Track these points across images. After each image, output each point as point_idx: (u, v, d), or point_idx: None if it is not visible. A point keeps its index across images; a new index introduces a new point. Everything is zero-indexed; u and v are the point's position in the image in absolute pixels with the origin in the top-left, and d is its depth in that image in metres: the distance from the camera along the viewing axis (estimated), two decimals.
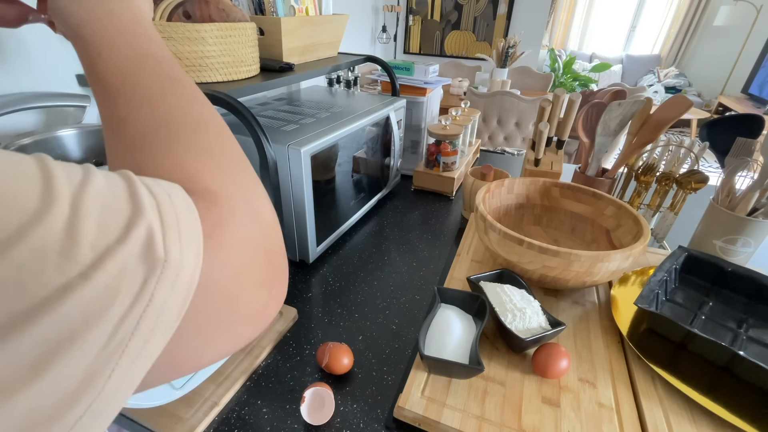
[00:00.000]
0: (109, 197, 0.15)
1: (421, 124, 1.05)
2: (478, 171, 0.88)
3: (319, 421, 0.45)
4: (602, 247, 0.67)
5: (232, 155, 0.24)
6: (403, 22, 3.05)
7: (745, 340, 0.51)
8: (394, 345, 0.57)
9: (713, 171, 3.03)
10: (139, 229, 0.15)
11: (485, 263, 0.70)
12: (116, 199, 0.15)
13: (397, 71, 1.02)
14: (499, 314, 0.51)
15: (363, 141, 0.81)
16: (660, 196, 0.77)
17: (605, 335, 0.55)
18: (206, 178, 0.21)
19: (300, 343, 0.57)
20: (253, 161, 0.64)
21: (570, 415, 0.44)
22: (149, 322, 0.15)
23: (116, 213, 0.15)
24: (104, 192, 0.15)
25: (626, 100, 0.77)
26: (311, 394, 0.46)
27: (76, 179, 0.14)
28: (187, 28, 0.57)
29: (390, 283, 0.70)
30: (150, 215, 0.15)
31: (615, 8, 4.64)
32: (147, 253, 0.15)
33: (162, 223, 0.16)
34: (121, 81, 0.23)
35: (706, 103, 4.24)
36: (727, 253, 0.67)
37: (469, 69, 2.79)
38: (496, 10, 2.82)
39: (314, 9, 0.84)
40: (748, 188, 0.64)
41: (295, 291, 0.68)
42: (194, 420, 0.45)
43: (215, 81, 0.62)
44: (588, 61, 4.62)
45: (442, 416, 0.43)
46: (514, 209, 0.76)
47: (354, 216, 0.85)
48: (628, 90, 1.49)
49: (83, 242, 0.13)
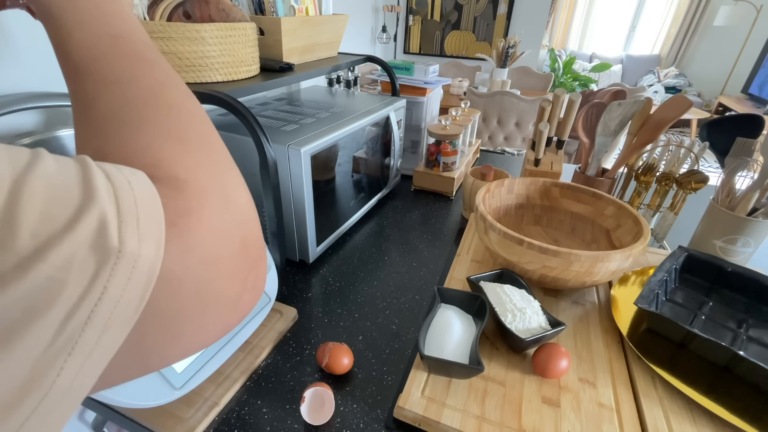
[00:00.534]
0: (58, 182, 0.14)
1: (421, 124, 1.05)
2: (478, 171, 0.88)
3: (319, 421, 0.45)
4: (602, 247, 0.67)
5: (207, 140, 0.23)
6: (403, 22, 3.05)
7: (745, 340, 0.51)
8: (394, 345, 0.57)
9: (713, 171, 3.03)
10: (90, 217, 0.14)
11: (485, 263, 0.70)
12: (66, 184, 0.14)
13: (397, 71, 1.02)
14: (499, 314, 0.51)
15: (363, 141, 0.81)
16: (660, 196, 0.77)
17: (605, 335, 0.55)
18: (175, 164, 0.20)
19: (300, 343, 0.57)
20: (253, 161, 0.65)
21: (570, 415, 0.44)
22: (102, 316, 0.14)
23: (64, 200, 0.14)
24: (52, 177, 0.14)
25: (626, 100, 0.77)
26: (311, 394, 0.46)
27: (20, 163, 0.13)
28: (187, 28, 0.57)
29: (390, 283, 0.70)
30: (103, 202, 0.14)
31: (615, 8, 4.64)
32: (98, 242, 0.14)
33: (118, 211, 0.15)
34: (91, 61, 0.22)
35: (706, 103, 4.24)
36: (727, 253, 0.67)
37: (469, 69, 2.79)
38: (496, 10, 2.82)
39: (314, 9, 0.84)
40: (748, 188, 0.64)
41: (295, 291, 0.68)
42: (194, 420, 0.45)
43: (215, 81, 0.62)
44: (588, 61, 4.62)
45: (442, 416, 0.43)
46: (514, 209, 0.76)
47: (354, 216, 0.85)
48: (628, 90, 1.49)
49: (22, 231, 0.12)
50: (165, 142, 0.20)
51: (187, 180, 0.19)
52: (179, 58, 0.58)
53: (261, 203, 0.71)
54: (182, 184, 0.19)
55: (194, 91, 0.57)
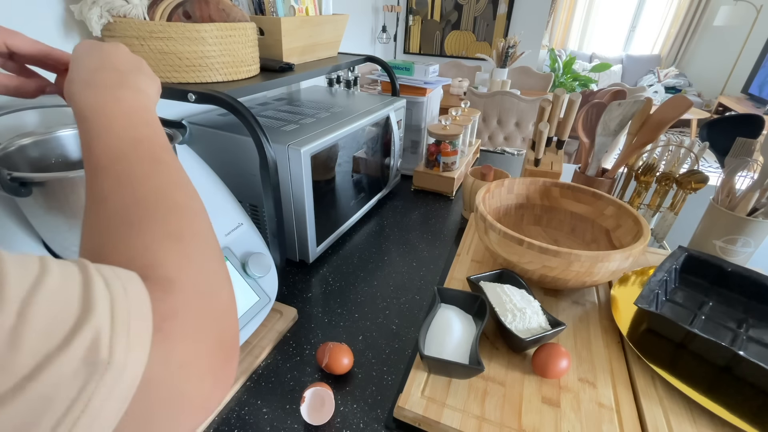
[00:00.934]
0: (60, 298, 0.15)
1: (421, 124, 1.05)
2: (478, 171, 0.88)
3: (319, 421, 0.45)
4: (602, 247, 0.67)
5: (203, 237, 0.24)
6: (403, 22, 3.05)
7: (745, 340, 0.51)
8: (394, 345, 0.57)
9: (713, 171, 3.03)
10: (85, 333, 0.14)
11: (485, 263, 0.70)
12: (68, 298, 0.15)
13: (397, 71, 1.02)
14: (499, 314, 0.51)
15: (363, 141, 0.81)
16: (660, 196, 0.77)
17: (605, 335, 0.55)
18: (168, 265, 0.21)
19: (300, 343, 0.57)
20: (253, 161, 0.65)
21: (570, 415, 0.44)
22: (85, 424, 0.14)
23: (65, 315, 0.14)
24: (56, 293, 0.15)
25: (626, 100, 0.77)
26: (311, 394, 0.46)
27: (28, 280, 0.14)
28: (187, 28, 0.57)
29: (390, 283, 0.70)
30: (100, 315, 0.15)
31: (615, 8, 4.64)
32: (90, 356, 0.14)
33: (112, 322, 0.15)
34: (111, 161, 0.24)
35: (706, 103, 4.24)
36: (727, 253, 0.67)
37: (469, 69, 2.79)
38: (496, 10, 2.82)
39: (314, 9, 0.84)
40: (748, 188, 0.64)
41: (295, 291, 0.68)
42: None
43: (215, 81, 0.62)
44: (588, 61, 4.62)
45: (442, 416, 0.43)
46: (514, 209, 0.76)
47: (354, 216, 0.85)
48: (628, 90, 1.49)
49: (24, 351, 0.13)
50: (162, 243, 0.22)
51: (177, 279, 0.20)
52: (179, 58, 0.58)
53: (261, 203, 0.71)
54: (171, 285, 0.20)
55: (194, 91, 0.57)
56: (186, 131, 0.60)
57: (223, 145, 0.69)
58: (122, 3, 0.55)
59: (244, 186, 0.70)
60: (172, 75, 0.59)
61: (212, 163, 0.63)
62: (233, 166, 0.69)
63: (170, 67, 0.59)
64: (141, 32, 0.56)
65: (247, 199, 0.72)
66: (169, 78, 0.60)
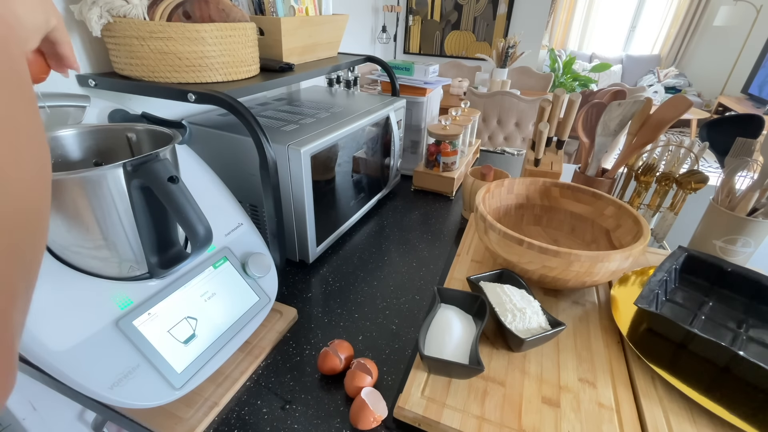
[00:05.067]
0: None
1: (421, 124, 1.05)
2: (478, 171, 0.88)
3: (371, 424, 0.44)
4: (602, 247, 0.67)
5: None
6: (403, 22, 3.05)
7: (745, 340, 0.51)
8: (394, 345, 0.57)
9: (713, 171, 3.03)
10: None
11: (485, 263, 0.70)
12: None
13: (397, 71, 1.02)
14: (499, 314, 0.51)
15: (363, 141, 0.81)
16: (660, 196, 0.77)
17: (605, 335, 0.55)
18: None
19: (300, 344, 0.57)
20: (253, 161, 0.65)
21: (570, 415, 0.44)
22: None
23: None
24: None
25: (626, 100, 0.77)
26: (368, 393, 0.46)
27: None
28: (187, 28, 0.57)
29: (390, 283, 0.70)
30: None
31: (615, 8, 4.64)
32: None
33: None
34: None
35: (706, 103, 4.24)
36: (727, 253, 0.67)
37: (469, 69, 2.79)
38: (496, 10, 2.82)
39: (314, 9, 0.84)
40: (748, 188, 0.64)
41: (295, 291, 0.68)
42: (194, 420, 0.45)
43: (215, 81, 0.62)
44: (588, 61, 4.62)
45: (442, 416, 0.43)
46: (514, 209, 0.76)
47: (354, 216, 0.85)
48: (628, 90, 1.49)
49: None
50: None
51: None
52: (179, 58, 0.58)
53: (261, 203, 0.71)
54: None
55: (194, 91, 0.57)
56: (186, 131, 0.60)
57: (223, 145, 0.69)
58: (122, 3, 0.55)
59: (244, 186, 0.70)
60: (172, 75, 0.59)
61: (212, 163, 0.63)
62: (233, 166, 0.69)
63: (170, 67, 0.59)
64: (141, 32, 0.56)
65: (247, 199, 0.72)
66: (169, 78, 0.60)
